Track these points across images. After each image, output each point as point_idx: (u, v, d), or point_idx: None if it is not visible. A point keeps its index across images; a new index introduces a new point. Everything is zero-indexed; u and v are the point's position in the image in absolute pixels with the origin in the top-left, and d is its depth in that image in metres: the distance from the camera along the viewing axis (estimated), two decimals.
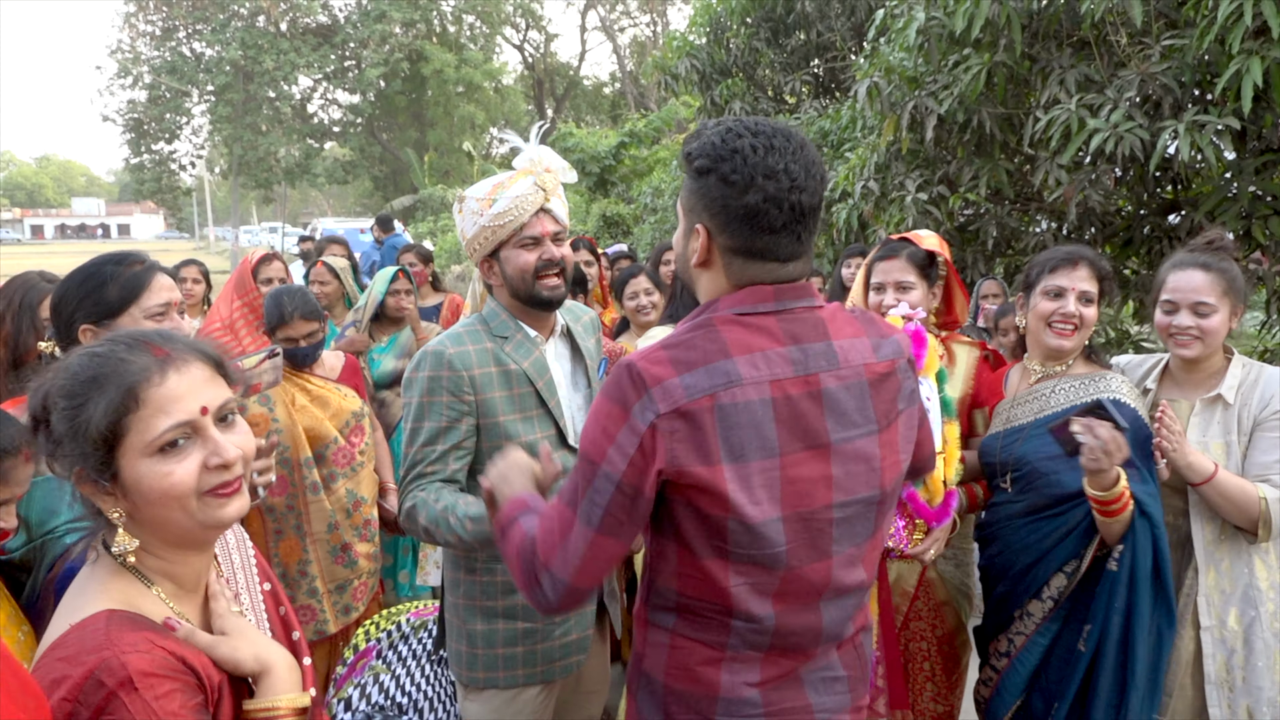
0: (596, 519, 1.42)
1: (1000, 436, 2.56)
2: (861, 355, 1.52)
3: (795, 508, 1.46)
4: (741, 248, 1.47)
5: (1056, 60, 4.74)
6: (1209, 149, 3.98)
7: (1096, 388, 2.46)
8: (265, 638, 1.36)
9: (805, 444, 1.45)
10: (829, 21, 9.19)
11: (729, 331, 1.45)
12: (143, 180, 37.24)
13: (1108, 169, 4.66)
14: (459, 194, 2.28)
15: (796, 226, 1.46)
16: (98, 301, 2.05)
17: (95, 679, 1.12)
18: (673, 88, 10.47)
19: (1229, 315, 2.46)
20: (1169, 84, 4.24)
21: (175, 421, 1.23)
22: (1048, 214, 5.73)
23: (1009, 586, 2.51)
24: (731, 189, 1.43)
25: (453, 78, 34.38)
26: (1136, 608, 2.31)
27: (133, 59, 35.82)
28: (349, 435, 3.31)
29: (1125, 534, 2.29)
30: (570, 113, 37.91)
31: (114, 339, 1.28)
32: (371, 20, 34.05)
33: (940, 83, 5.16)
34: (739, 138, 1.43)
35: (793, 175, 1.43)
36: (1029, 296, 2.55)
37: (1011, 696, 2.49)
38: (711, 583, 1.47)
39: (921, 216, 5.51)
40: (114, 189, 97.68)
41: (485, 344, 2.19)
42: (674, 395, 1.38)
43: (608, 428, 1.41)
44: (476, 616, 2.21)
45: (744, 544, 1.44)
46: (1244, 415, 2.45)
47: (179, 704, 1.16)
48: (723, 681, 1.51)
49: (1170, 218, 5.47)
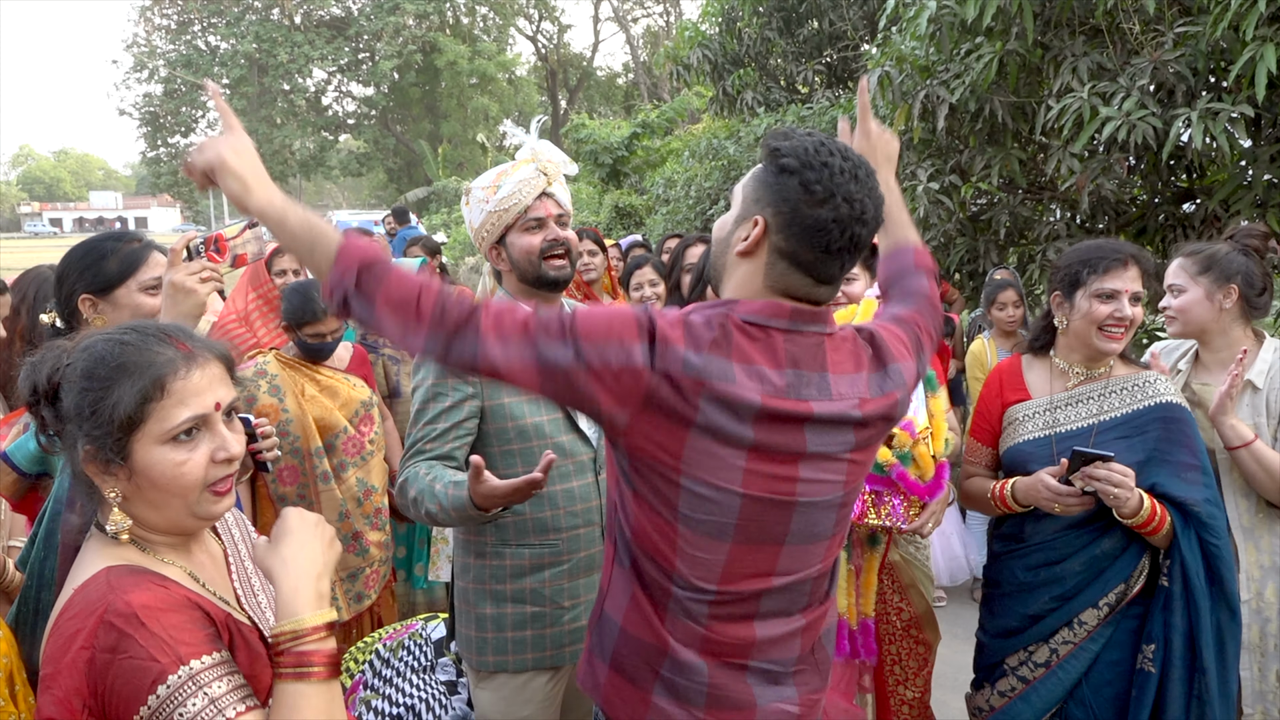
0: (548, 360, 1.42)
1: (1052, 441, 2.47)
2: (856, 391, 1.55)
3: (754, 490, 1.48)
4: (792, 254, 1.50)
5: (1069, 48, 4.71)
6: (1222, 137, 3.95)
7: (1146, 392, 2.42)
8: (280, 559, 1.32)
9: (779, 445, 1.48)
10: (841, 10, 9.15)
11: (737, 338, 1.47)
12: (159, 173, 37.58)
13: (1121, 157, 4.63)
14: (465, 187, 2.35)
15: (846, 255, 1.50)
16: (97, 273, 2.14)
17: (105, 622, 1.18)
18: (685, 78, 10.45)
19: (1205, 296, 2.57)
20: (1182, 71, 4.21)
21: (194, 414, 1.30)
22: (1061, 203, 5.70)
23: (1057, 601, 2.42)
24: (810, 197, 1.46)
25: (466, 69, 34.43)
26: (1199, 624, 2.28)
27: (148, 53, 36.11)
28: (358, 424, 3.34)
29: (1171, 546, 2.31)
30: (584, 103, 37.89)
31: (139, 329, 1.34)
32: (385, 12, 34.13)
33: (952, 71, 5.13)
34: (831, 155, 1.47)
35: (864, 208, 1.48)
36: (1071, 296, 2.44)
37: (1044, 704, 2.43)
38: (659, 549, 1.52)
39: (933, 206, 5.49)
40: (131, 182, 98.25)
41: None
42: (673, 361, 1.42)
43: (614, 328, 1.43)
44: (486, 600, 2.24)
45: (694, 507, 1.48)
46: (1272, 399, 2.49)
47: (189, 634, 1.21)
48: (671, 642, 1.55)
49: (1185, 206, 5.44)
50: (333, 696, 1.25)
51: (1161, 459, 2.33)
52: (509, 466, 2.16)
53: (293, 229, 1.45)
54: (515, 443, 2.19)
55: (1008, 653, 2.53)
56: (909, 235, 1.99)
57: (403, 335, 1.42)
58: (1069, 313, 2.45)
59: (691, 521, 1.49)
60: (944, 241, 6.30)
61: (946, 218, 5.70)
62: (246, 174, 1.46)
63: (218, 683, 1.20)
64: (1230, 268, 2.58)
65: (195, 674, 1.19)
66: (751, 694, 1.58)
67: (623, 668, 1.61)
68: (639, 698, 1.59)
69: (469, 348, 1.41)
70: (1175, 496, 2.30)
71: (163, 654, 1.18)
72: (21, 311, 2.49)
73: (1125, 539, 2.35)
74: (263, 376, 3.21)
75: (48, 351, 1.34)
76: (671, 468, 1.46)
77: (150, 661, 1.17)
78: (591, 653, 1.68)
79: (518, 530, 2.20)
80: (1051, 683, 2.43)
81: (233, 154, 1.46)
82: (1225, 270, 2.57)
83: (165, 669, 1.17)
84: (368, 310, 1.42)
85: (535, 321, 1.43)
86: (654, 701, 1.57)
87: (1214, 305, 2.58)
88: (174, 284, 2.03)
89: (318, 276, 1.47)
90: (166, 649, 1.18)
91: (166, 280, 2.05)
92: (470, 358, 1.42)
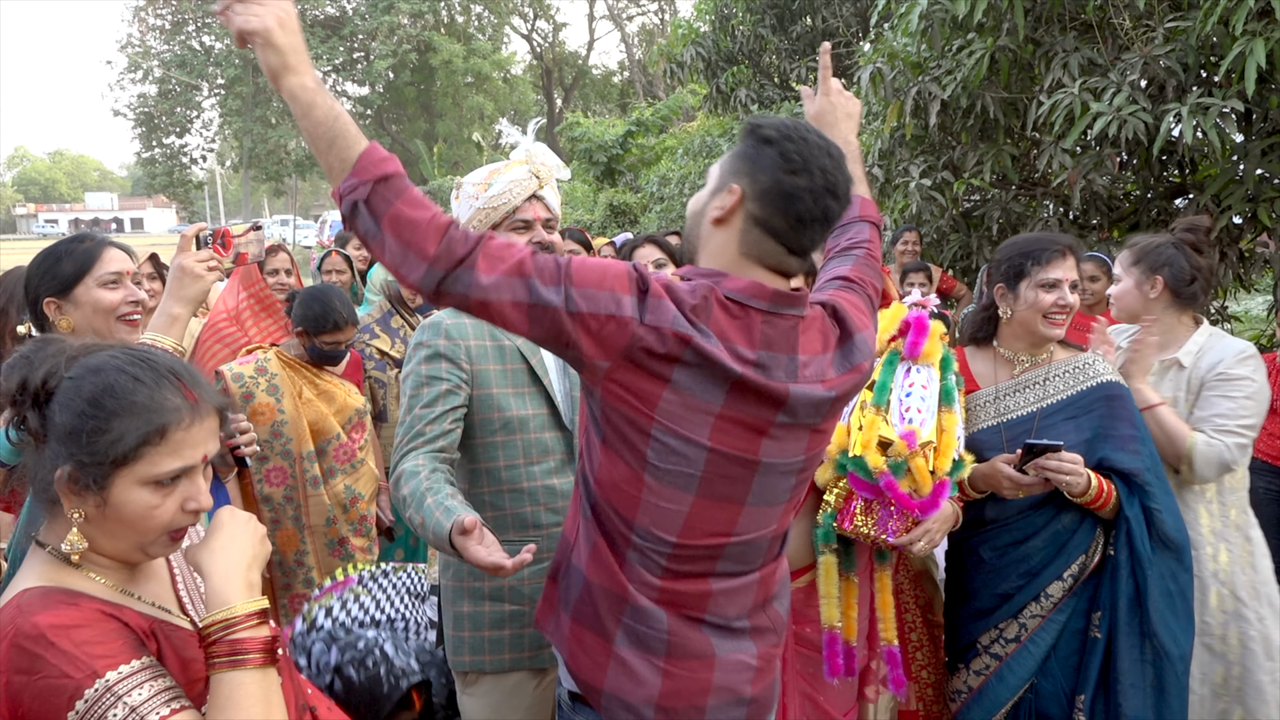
0: (537, 301, 1.44)
1: (1001, 429, 2.56)
2: (822, 371, 1.62)
3: (721, 445, 1.54)
4: (766, 221, 1.56)
5: (1060, 44, 4.72)
6: (1213, 132, 3.96)
7: (1088, 374, 2.55)
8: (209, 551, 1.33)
9: (749, 413, 1.54)
10: (833, 7, 9.16)
11: (716, 312, 1.52)
12: (154, 174, 37.51)
13: (1112, 153, 4.64)
14: (456, 181, 2.33)
15: (817, 227, 1.57)
16: (55, 275, 2.20)
17: (15, 645, 1.17)
18: (679, 76, 10.45)
19: (1134, 285, 2.80)
20: (1172, 67, 4.22)
21: (183, 465, 1.30)
22: (1053, 198, 5.71)
23: (1025, 578, 2.51)
24: (786, 165, 1.52)
25: (461, 68, 34.39)
26: (1145, 588, 2.40)
27: (143, 53, 36.03)
28: (350, 431, 3.34)
29: (1118, 516, 2.44)
30: (579, 102, 37.83)
31: (154, 364, 1.32)
32: (379, 12, 34.07)
33: (944, 68, 5.13)
34: (808, 131, 1.56)
35: (835, 183, 1.55)
36: (1015, 287, 2.54)
37: (1018, 680, 2.49)
38: (624, 497, 1.57)
39: (926, 202, 5.50)
40: (126, 183, 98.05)
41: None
42: (664, 315, 1.47)
43: (607, 279, 1.47)
44: (464, 598, 2.22)
45: (662, 457, 1.53)
46: (1194, 377, 2.73)
47: (102, 646, 1.20)
48: (630, 589, 1.60)
49: (1177, 201, 5.45)
50: (269, 683, 1.24)
51: (1106, 434, 2.48)
52: (490, 459, 2.17)
53: (317, 118, 1.41)
54: (500, 434, 2.17)
55: (980, 632, 2.59)
56: (858, 188, 2.03)
57: (402, 261, 1.42)
58: (1013, 303, 2.56)
59: (658, 471, 1.54)
60: (937, 238, 6.31)
61: (939, 214, 5.71)
62: (289, 51, 1.39)
63: (138, 690, 1.19)
64: (1158, 260, 2.78)
65: (112, 686, 1.17)
66: (710, 644, 1.63)
67: (584, 617, 1.65)
68: (601, 647, 1.63)
69: (463, 283, 1.42)
70: (1121, 467, 2.44)
71: (75, 669, 1.17)
72: (10, 311, 2.49)
73: (1081, 514, 2.49)
74: (263, 374, 3.21)
75: (43, 348, 1.32)
76: (645, 416, 1.51)
77: (63, 679, 1.16)
78: (556, 605, 1.73)
79: (497, 526, 2.15)
80: (1023, 657, 2.50)
81: (279, 26, 1.38)
82: (1153, 262, 2.78)
83: (80, 684, 1.16)
84: (373, 226, 1.41)
85: (531, 263, 1.45)
86: (615, 650, 1.62)
87: (1142, 294, 2.81)
88: (183, 268, 2.17)
89: (328, 173, 1.45)
90: (78, 664, 1.17)
91: (175, 264, 2.19)
92: (463, 292, 1.43)
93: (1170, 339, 2.81)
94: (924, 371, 2.36)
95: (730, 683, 1.65)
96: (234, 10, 1.40)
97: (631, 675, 1.61)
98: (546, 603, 1.77)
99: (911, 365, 2.35)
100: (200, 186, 43.52)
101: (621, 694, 1.62)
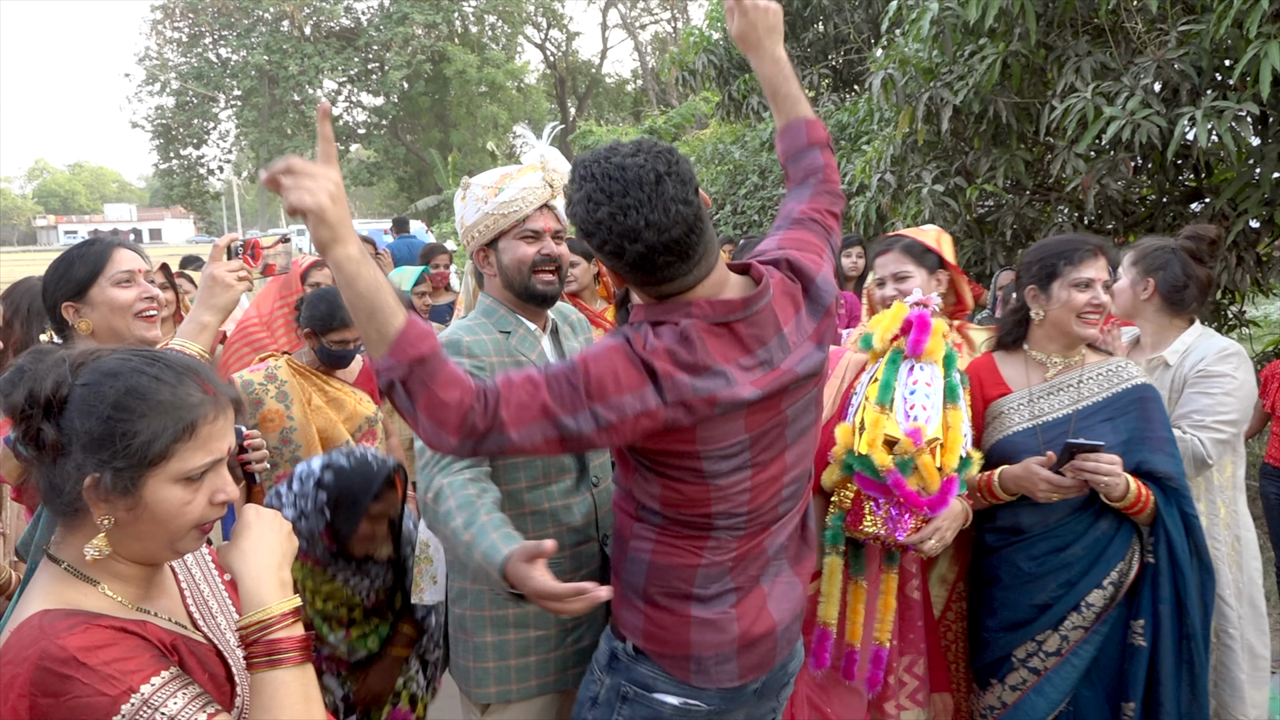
0: (570, 433, 1.56)
1: (1038, 431, 2.53)
2: (804, 331, 1.77)
3: (755, 429, 1.72)
4: (645, 282, 1.68)
5: (1072, 48, 4.69)
6: (1227, 135, 3.92)
7: (1121, 376, 2.55)
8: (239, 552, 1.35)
9: (769, 401, 1.71)
10: (845, 14, 9.14)
11: (710, 341, 1.64)
12: (172, 185, 37.81)
13: (1126, 157, 4.60)
14: (465, 180, 2.25)
15: (677, 251, 1.62)
16: (69, 279, 2.24)
17: (41, 667, 1.16)
18: (691, 84, 10.45)
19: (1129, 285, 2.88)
20: (1186, 70, 4.19)
21: (213, 459, 1.31)
22: (1067, 203, 5.67)
23: (1064, 587, 2.47)
24: (612, 255, 1.63)
25: (475, 78, 34.55)
26: (1186, 592, 2.40)
27: (160, 66, 36.36)
28: (360, 439, 3.32)
29: (1155, 522, 2.44)
30: (592, 110, 37.95)
31: (168, 363, 1.32)
32: (394, 22, 34.28)
33: (955, 73, 5.12)
34: (599, 207, 1.59)
35: (652, 223, 1.57)
36: (1047, 288, 2.54)
37: (1060, 694, 2.47)
38: (694, 503, 1.74)
39: (939, 208, 5.47)
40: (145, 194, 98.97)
41: (496, 335, 2.17)
42: (684, 389, 1.59)
43: (623, 382, 1.57)
44: (485, 628, 2.14)
45: (716, 465, 1.70)
46: (1178, 375, 2.80)
47: (133, 661, 1.21)
48: (703, 561, 1.77)
49: (1193, 205, 5.40)
50: (308, 680, 1.28)
51: (1142, 437, 2.47)
52: (512, 481, 2.10)
53: (360, 289, 1.45)
54: None
55: (1015, 645, 2.54)
56: (800, 109, 2.07)
57: (435, 437, 1.53)
58: (1046, 304, 2.56)
59: (718, 474, 1.70)
60: None
61: (952, 220, 5.68)
62: (338, 225, 1.43)
63: (173, 700, 1.20)
64: (1153, 263, 2.86)
65: (148, 698, 1.18)
66: (759, 580, 1.83)
67: (656, 599, 1.80)
68: (679, 620, 1.78)
69: (495, 444, 1.55)
70: (1159, 471, 2.43)
71: (110, 687, 1.17)
72: (15, 324, 2.52)
73: (1119, 519, 2.48)
74: (272, 381, 3.21)
75: (40, 359, 1.30)
76: (691, 454, 1.68)
77: (98, 696, 1.16)
78: (625, 597, 1.85)
79: None
80: (1066, 670, 2.47)
81: (331, 202, 1.42)
82: (1149, 265, 2.87)
83: (117, 700, 1.16)
84: (409, 405, 1.51)
85: (552, 400, 1.56)
86: (693, 615, 1.78)
87: (1135, 295, 2.90)
88: (214, 277, 2.24)
89: (365, 342, 1.51)
90: (112, 681, 1.17)
91: (206, 273, 2.26)
92: (498, 448, 1.56)
93: (1160, 340, 2.88)
94: (928, 369, 2.34)
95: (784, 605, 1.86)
96: (286, 184, 1.41)
97: (714, 628, 1.78)
98: (617, 600, 1.87)
99: (915, 363, 2.33)
100: (217, 197, 43.89)
101: (707, 650, 1.78)
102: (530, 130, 2.73)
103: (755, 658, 1.82)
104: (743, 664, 1.80)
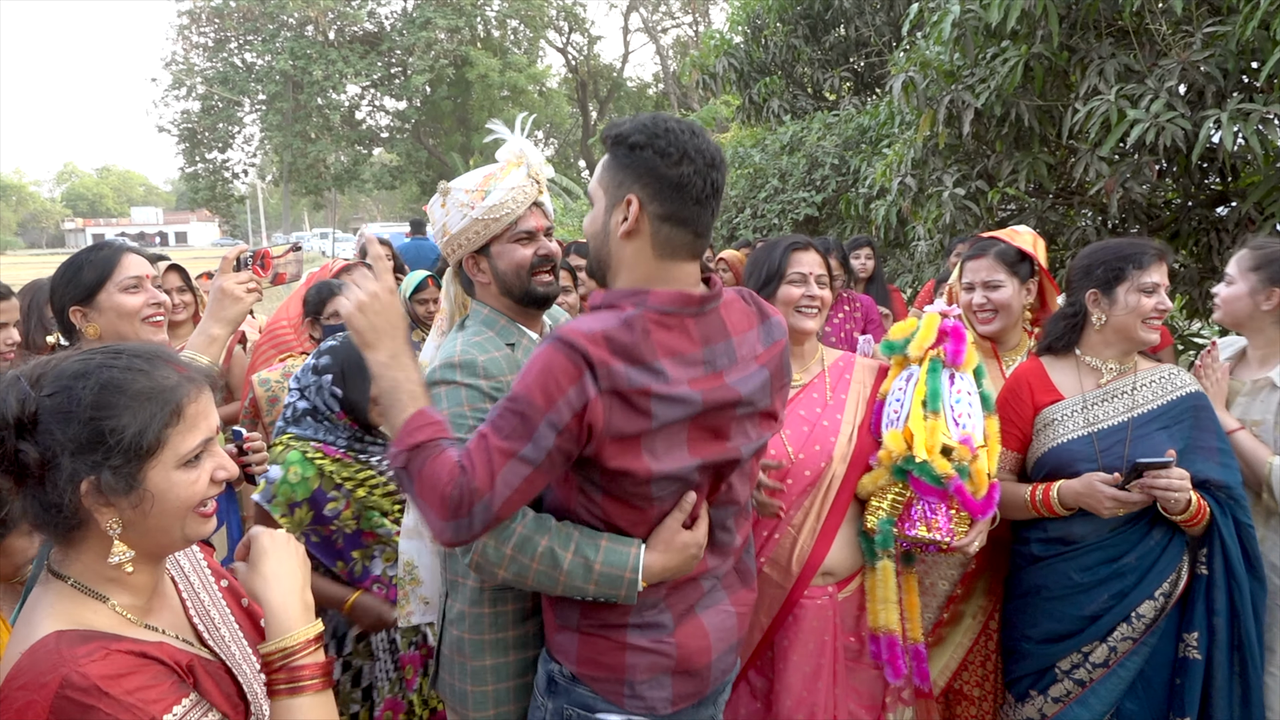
0: (539, 458, 1.56)
1: (1094, 439, 2.49)
2: (753, 348, 1.79)
3: (701, 456, 1.71)
4: (670, 214, 1.66)
5: (1095, 50, 4.64)
6: (1254, 138, 3.87)
7: (1174, 384, 2.51)
8: (262, 579, 1.37)
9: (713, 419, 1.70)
10: (866, 17, 9.11)
11: (657, 334, 1.63)
12: (197, 189, 38.27)
13: (1150, 160, 4.55)
14: (443, 185, 2.10)
15: (712, 201, 1.69)
16: (77, 284, 2.26)
17: (62, 696, 1.13)
18: (711, 87, 10.45)
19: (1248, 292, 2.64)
20: (1211, 72, 4.14)
21: (205, 437, 1.30)
22: (1090, 207, 5.62)
23: (1115, 598, 2.44)
24: (665, 160, 1.63)
25: (497, 82, 34.72)
26: (1241, 603, 2.37)
27: (186, 70, 36.79)
28: None
29: (1208, 533, 2.41)
30: (614, 114, 37.99)
31: (136, 353, 1.29)
32: (417, 27, 34.52)
33: (977, 76, 5.08)
34: (665, 121, 1.66)
35: (711, 156, 1.66)
36: (1110, 292, 2.48)
37: (1104, 705, 2.44)
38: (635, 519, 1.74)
39: (960, 212, 5.43)
40: (171, 198, 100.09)
41: (504, 349, 2.04)
42: (618, 378, 1.57)
43: (560, 381, 1.56)
44: (485, 652, 2.04)
45: (663, 488, 1.69)
46: None
47: (154, 690, 1.19)
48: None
49: (1219, 209, 5.33)
50: (327, 705, 1.29)
51: (1197, 446, 2.42)
52: None
53: (381, 388, 1.66)
54: None
55: (1060, 656, 2.52)
56: None
57: (430, 521, 1.59)
58: (1109, 308, 2.50)
59: (663, 500, 1.71)
60: None
61: (974, 223, 5.64)
62: (365, 332, 1.67)
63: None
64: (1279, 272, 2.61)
65: None
66: (694, 610, 1.84)
67: (591, 628, 1.80)
68: (615, 646, 1.78)
69: (482, 514, 1.55)
70: (1217, 481, 2.39)
71: (133, 717, 1.15)
72: (32, 320, 2.58)
73: (1170, 529, 2.43)
74: (289, 379, 3.24)
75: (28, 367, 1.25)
76: (644, 475, 1.64)
77: None
78: (559, 626, 1.84)
79: None
80: (1113, 681, 2.44)
81: (358, 310, 1.67)
82: (1274, 273, 2.60)
83: None
84: (411, 486, 1.61)
85: (504, 439, 1.56)
86: (629, 641, 1.78)
87: (1254, 303, 2.64)
88: (223, 290, 2.25)
89: (390, 432, 1.66)
90: (136, 712, 1.15)
91: (215, 285, 2.26)
92: (488, 517, 1.57)
93: (1270, 356, 2.66)
94: (965, 379, 2.38)
95: (720, 635, 1.86)
96: (345, 291, 1.71)
97: (648, 655, 1.78)
98: (550, 629, 1.88)
99: (954, 372, 2.35)
100: (242, 200, 44.32)
101: (641, 674, 1.78)
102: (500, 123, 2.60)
103: (690, 685, 1.83)
104: (676, 691, 1.81)
